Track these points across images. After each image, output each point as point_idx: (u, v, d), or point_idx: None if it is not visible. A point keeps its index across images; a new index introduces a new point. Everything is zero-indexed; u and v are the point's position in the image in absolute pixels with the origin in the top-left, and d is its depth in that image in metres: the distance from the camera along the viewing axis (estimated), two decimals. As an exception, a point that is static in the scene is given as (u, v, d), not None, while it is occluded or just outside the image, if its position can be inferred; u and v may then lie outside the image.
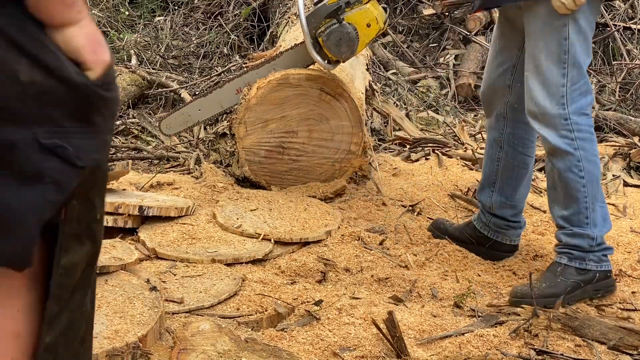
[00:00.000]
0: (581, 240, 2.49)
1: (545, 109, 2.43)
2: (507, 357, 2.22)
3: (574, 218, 2.49)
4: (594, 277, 2.51)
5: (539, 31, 2.42)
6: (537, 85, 2.44)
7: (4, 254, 1.08)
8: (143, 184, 3.33)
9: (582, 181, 2.44)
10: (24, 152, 1.03)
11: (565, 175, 2.46)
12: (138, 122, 4.44)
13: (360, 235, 2.92)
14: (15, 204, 1.05)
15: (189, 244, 2.73)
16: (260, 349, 2.07)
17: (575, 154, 2.43)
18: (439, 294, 2.60)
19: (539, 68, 2.43)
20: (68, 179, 1.11)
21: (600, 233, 2.50)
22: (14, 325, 1.17)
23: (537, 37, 2.43)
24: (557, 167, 2.47)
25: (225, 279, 2.49)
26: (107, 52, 1.10)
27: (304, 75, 3.22)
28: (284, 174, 3.32)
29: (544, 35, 2.41)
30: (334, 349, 2.19)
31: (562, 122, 2.42)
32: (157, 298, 2.19)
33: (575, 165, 2.44)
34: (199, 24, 6.23)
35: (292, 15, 4.52)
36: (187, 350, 2.00)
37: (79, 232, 1.24)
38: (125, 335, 1.99)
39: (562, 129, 2.42)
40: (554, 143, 2.43)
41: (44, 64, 1.03)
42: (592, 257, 2.50)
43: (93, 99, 1.10)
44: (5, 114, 1.02)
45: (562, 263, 2.52)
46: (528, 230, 3.09)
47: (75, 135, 1.10)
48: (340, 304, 2.42)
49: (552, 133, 2.44)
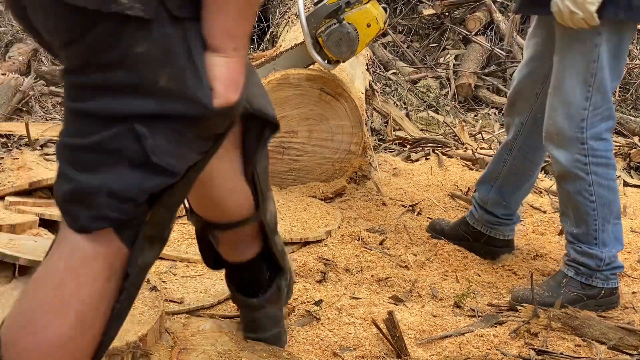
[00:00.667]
0: (589, 259, 2.44)
1: (562, 130, 2.34)
2: (507, 357, 2.22)
3: (582, 237, 2.43)
4: (598, 293, 2.46)
5: (568, 48, 2.31)
6: (558, 104, 2.34)
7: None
8: (143, 184, 3.33)
9: (592, 205, 2.38)
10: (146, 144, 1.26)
11: (575, 198, 2.39)
12: (138, 122, 4.44)
13: (360, 235, 2.92)
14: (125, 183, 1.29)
15: (189, 244, 2.73)
16: (261, 349, 2.06)
17: (586, 178, 2.36)
18: (439, 294, 2.60)
19: (561, 87, 2.33)
20: (168, 179, 1.33)
21: (609, 253, 2.44)
22: (80, 306, 1.34)
23: (564, 54, 2.32)
24: (566, 189, 2.41)
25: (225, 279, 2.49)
26: (236, 95, 1.28)
27: (304, 75, 3.21)
28: (284, 174, 3.32)
29: (573, 53, 2.30)
30: (334, 349, 2.19)
31: (578, 145, 2.34)
32: (157, 298, 2.18)
33: (586, 190, 2.37)
34: (199, 24, 6.24)
35: (292, 15, 4.52)
36: (188, 350, 2.00)
37: (154, 235, 1.40)
38: (126, 334, 1.99)
39: (576, 152, 2.34)
40: (566, 166, 2.36)
41: (183, 79, 1.24)
42: (600, 276, 2.45)
43: (204, 119, 1.28)
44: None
45: (568, 275, 2.48)
46: (528, 230, 3.09)
47: (184, 145, 1.31)
48: (340, 304, 2.42)
49: (565, 155, 2.35)
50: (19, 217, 2.71)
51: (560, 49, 2.33)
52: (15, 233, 2.57)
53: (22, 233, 2.60)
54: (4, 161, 3.55)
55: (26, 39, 5.40)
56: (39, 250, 2.27)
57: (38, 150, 3.83)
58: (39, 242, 2.41)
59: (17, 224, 2.62)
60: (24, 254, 2.18)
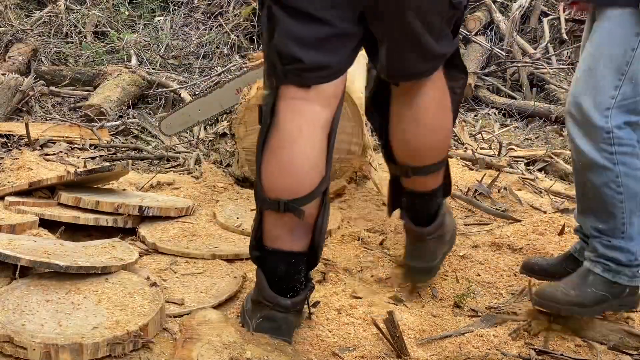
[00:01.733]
0: (620, 253, 2.30)
1: (588, 117, 2.22)
2: (507, 357, 2.22)
3: (610, 232, 2.30)
4: (623, 291, 2.34)
5: (606, 34, 2.22)
6: (586, 88, 2.23)
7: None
8: (143, 184, 3.33)
9: (619, 197, 2.26)
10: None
11: (601, 190, 2.26)
12: (138, 122, 4.44)
13: (360, 235, 2.92)
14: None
15: (189, 240, 2.73)
16: (265, 343, 2.06)
17: (614, 169, 2.23)
18: (439, 294, 2.60)
19: (593, 72, 2.22)
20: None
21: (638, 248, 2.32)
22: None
23: (602, 40, 2.23)
24: (591, 181, 2.27)
25: (226, 278, 2.49)
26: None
27: (304, 75, 3.21)
28: (284, 174, 3.31)
29: (611, 40, 2.21)
30: (334, 349, 2.19)
31: (603, 134, 2.21)
32: (157, 292, 2.19)
33: (613, 181, 2.25)
34: (199, 24, 6.24)
35: (292, 15, 4.52)
36: (193, 339, 1.99)
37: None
38: (126, 324, 2.00)
39: (602, 142, 2.22)
40: (591, 157, 2.23)
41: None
42: (627, 272, 2.33)
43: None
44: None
45: (595, 272, 2.34)
46: (528, 230, 3.09)
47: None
48: (340, 304, 2.42)
49: (589, 145, 2.23)
50: (19, 217, 2.71)
51: (596, 35, 2.24)
52: (15, 233, 2.57)
53: (22, 233, 2.60)
54: (4, 161, 3.56)
55: (26, 39, 5.41)
56: (39, 250, 2.27)
57: (38, 150, 3.84)
58: (38, 242, 2.42)
59: (17, 224, 2.62)
60: (24, 255, 2.18)
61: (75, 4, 6.30)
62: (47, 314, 2.02)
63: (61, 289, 2.15)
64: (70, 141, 4.04)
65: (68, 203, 2.83)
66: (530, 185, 3.72)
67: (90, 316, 2.03)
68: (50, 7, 6.28)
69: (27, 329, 1.95)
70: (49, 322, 1.99)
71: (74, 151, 3.96)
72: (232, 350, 1.97)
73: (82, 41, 5.88)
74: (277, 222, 2.05)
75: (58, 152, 3.85)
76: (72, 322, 2.00)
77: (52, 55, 5.52)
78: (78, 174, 2.91)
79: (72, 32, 5.98)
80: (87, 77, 5.06)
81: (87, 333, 1.95)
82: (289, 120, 2.00)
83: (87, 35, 6.00)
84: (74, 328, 1.97)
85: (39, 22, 6.07)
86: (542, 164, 4.12)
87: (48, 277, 2.20)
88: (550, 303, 2.33)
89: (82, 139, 4.07)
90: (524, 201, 3.50)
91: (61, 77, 5.09)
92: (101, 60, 5.51)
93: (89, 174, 2.94)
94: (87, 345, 1.90)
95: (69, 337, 1.92)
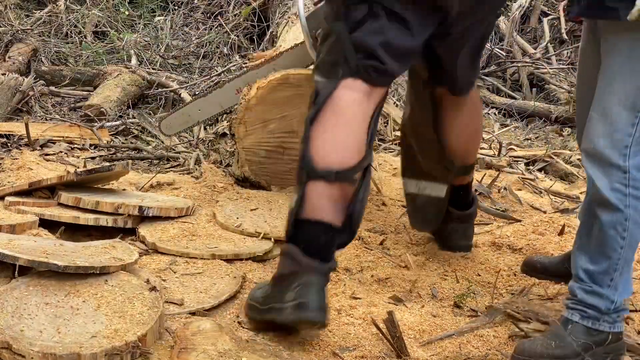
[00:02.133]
0: (599, 300, 2.21)
1: (604, 155, 2.14)
2: (507, 357, 2.22)
3: (597, 277, 2.21)
4: (606, 339, 2.24)
5: (618, 69, 2.13)
6: (601, 130, 2.15)
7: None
8: (143, 184, 3.33)
9: (621, 242, 2.18)
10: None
11: (606, 230, 2.17)
12: (138, 122, 4.44)
13: (361, 235, 2.92)
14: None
15: (189, 240, 2.73)
16: (261, 349, 2.07)
17: (624, 211, 2.15)
18: (439, 294, 2.60)
19: (606, 110, 2.14)
20: None
21: (620, 297, 2.24)
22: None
23: (612, 75, 2.14)
24: (600, 218, 2.18)
25: (225, 277, 2.49)
26: None
27: (304, 75, 3.21)
28: (284, 174, 3.32)
29: (623, 75, 2.12)
30: (334, 349, 2.19)
31: (619, 174, 2.13)
32: (156, 298, 2.18)
33: (621, 224, 2.16)
34: (199, 24, 6.24)
35: (292, 15, 4.52)
36: (188, 349, 2.00)
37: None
38: (125, 334, 2.00)
39: (617, 181, 2.14)
40: (605, 193, 2.15)
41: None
42: (607, 319, 2.23)
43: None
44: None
45: (573, 320, 2.23)
46: (528, 230, 3.09)
47: None
48: (340, 304, 2.42)
49: (604, 181, 2.15)
50: (19, 217, 2.71)
51: (607, 71, 2.16)
52: (15, 233, 2.57)
53: (22, 233, 2.60)
54: (4, 161, 3.55)
55: (26, 39, 5.41)
56: (38, 250, 2.27)
57: (38, 150, 3.83)
58: (38, 242, 2.41)
59: (17, 224, 2.62)
60: (24, 254, 2.18)
61: (75, 4, 6.30)
62: (46, 319, 2.02)
63: (60, 291, 2.14)
64: (70, 141, 4.04)
65: (68, 203, 2.83)
66: (530, 185, 3.72)
67: (89, 323, 2.03)
68: (50, 7, 6.28)
69: (25, 335, 1.94)
70: (47, 328, 1.98)
71: (74, 151, 3.95)
72: (228, 358, 1.98)
73: (82, 41, 5.88)
74: (323, 193, 2.20)
75: (58, 152, 3.85)
76: (71, 330, 1.99)
77: (52, 55, 5.52)
78: (78, 174, 2.90)
79: (72, 32, 5.98)
80: (87, 77, 5.06)
81: (86, 342, 1.94)
82: (348, 107, 2.22)
83: (87, 35, 6.00)
84: (72, 336, 1.96)
85: (39, 22, 6.07)
86: (542, 164, 4.12)
87: (47, 276, 2.19)
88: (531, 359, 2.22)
89: (82, 139, 4.07)
90: (524, 201, 3.50)
91: (61, 77, 5.09)
92: (101, 60, 5.51)
93: (89, 174, 2.94)
94: (86, 356, 1.90)
95: (67, 346, 1.92)
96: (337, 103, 2.21)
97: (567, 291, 2.33)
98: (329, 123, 2.20)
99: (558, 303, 2.55)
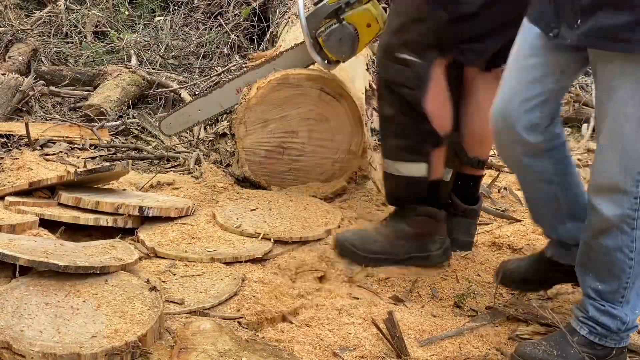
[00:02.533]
0: (611, 320, 2.17)
1: (617, 184, 2.05)
2: (507, 357, 2.22)
3: (608, 295, 2.16)
4: (609, 353, 2.20)
5: (630, 94, 1.99)
6: (615, 157, 2.04)
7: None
8: (143, 184, 3.33)
9: (630, 262, 2.13)
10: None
11: (613, 254, 2.12)
12: (138, 122, 4.44)
13: (360, 235, 2.92)
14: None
15: (188, 243, 2.73)
16: (261, 349, 2.07)
17: (631, 234, 2.09)
18: (439, 294, 2.60)
19: (621, 137, 2.02)
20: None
21: (633, 316, 2.19)
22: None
23: (624, 100, 2.00)
24: (604, 244, 2.11)
25: (225, 279, 2.49)
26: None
27: (304, 75, 3.22)
28: (284, 174, 3.32)
29: (635, 100, 1.99)
30: (334, 349, 2.19)
31: (630, 200, 2.06)
32: (156, 298, 2.19)
33: (628, 246, 2.10)
34: (199, 24, 6.23)
35: (292, 15, 4.52)
36: (188, 349, 2.00)
37: None
38: (125, 334, 2.00)
39: (628, 207, 2.07)
40: (611, 220, 2.08)
41: None
42: (615, 337, 2.19)
43: None
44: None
45: (579, 332, 2.20)
46: (528, 230, 3.09)
47: None
48: (340, 304, 2.42)
49: (613, 208, 2.07)
50: (19, 217, 2.71)
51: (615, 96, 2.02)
52: (15, 233, 2.57)
53: (22, 233, 2.60)
54: (4, 161, 3.55)
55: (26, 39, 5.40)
56: (38, 250, 2.27)
57: (38, 150, 3.83)
58: (38, 242, 2.42)
59: (17, 224, 2.62)
60: (24, 254, 2.18)
61: (75, 4, 6.30)
62: (46, 319, 2.02)
63: (61, 291, 2.14)
64: (70, 141, 4.04)
65: (68, 203, 2.83)
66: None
67: (89, 323, 2.03)
68: (50, 7, 6.28)
69: (25, 335, 1.94)
70: (47, 328, 1.98)
71: (74, 151, 3.95)
72: (228, 358, 1.98)
73: (82, 41, 5.87)
74: (440, 156, 2.74)
75: (58, 152, 3.85)
76: (71, 329, 1.99)
77: (52, 55, 5.52)
78: (78, 174, 2.90)
79: (72, 32, 5.98)
80: (87, 77, 5.06)
81: (86, 342, 1.94)
82: (446, 85, 2.67)
83: (87, 35, 6.00)
84: (72, 336, 1.97)
85: (39, 22, 6.06)
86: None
87: (48, 276, 2.19)
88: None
89: (82, 139, 4.07)
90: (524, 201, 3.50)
91: (61, 77, 5.09)
92: (101, 60, 5.51)
93: (89, 174, 2.94)
94: (86, 356, 1.90)
95: (67, 346, 1.92)
96: (440, 82, 2.63)
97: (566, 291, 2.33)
98: (439, 99, 2.65)
99: (558, 303, 2.56)
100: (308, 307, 2.42)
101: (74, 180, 2.89)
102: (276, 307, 2.38)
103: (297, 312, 2.39)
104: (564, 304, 2.55)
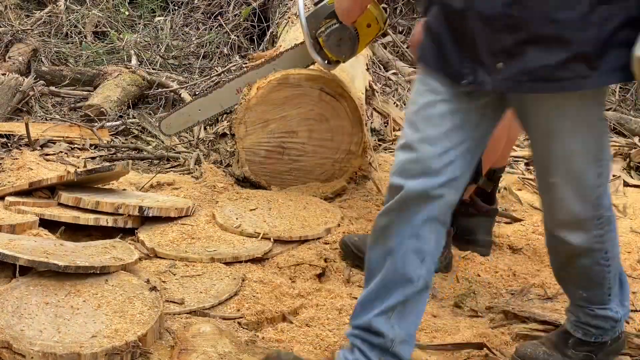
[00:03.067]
0: (604, 322, 2.17)
1: (579, 215, 2.02)
2: (507, 357, 2.22)
3: (595, 298, 2.16)
4: (606, 344, 2.21)
5: (572, 131, 1.93)
6: (571, 193, 1.99)
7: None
8: (143, 184, 3.33)
9: (608, 268, 2.12)
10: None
11: (591, 268, 2.10)
12: (138, 122, 4.44)
13: (360, 235, 2.92)
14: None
15: (188, 244, 2.73)
16: (261, 352, 2.07)
17: (603, 247, 2.08)
18: (439, 294, 2.60)
19: (573, 173, 1.98)
20: None
21: (623, 310, 2.19)
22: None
23: (569, 140, 1.94)
24: (580, 264, 2.10)
25: (225, 279, 2.49)
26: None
27: (304, 75, 3.22)
28: (284, 174, 3.32)
29: (579, 135, 1.94)
30: (334, 349, 2.19)
31: (595, 222, 2.04)
32: (157, 298, 2.19)
33: (602, 257, 2.09)
34: (199, 24, 6.24)
35: (292, 15, 4.52)
36: (188, 350, 2.00)
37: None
38: (125, 334, 2.00)
39: (595, 229, 2.05)
40: (583, 246, 2.05)
41: None
42: (610, 332, 2.20)
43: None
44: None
45: (575, 336, 2.20)
46: (528, 230, 3.09)
47: None
48: (341, 304, 2.42)
49: (580, 236, 2.04)
50: (19, 217, 2.71)
51: (557, 136, 1.94)
52: (15, 233, 2.57)
53: (22, 233, 2.60)
54: (4, 161, 3.55)
55: (26, 39, 5.40)
56: (38, 250, 2.27)
57: (38, 150, 3.83)
58: (38, 242, 2.42)
59: (17, 224, 2.62)
60: (24, 254, 2.18)
61: (75, 4, 6.30)
62: (46, 319, 2.02)
63: (61, 290, 2.14)
64: (70, 141, 4.04)
65: (68, 203, 2.83)
66: (530, 185, 3.71)
67: (89, 322, 2.03)
68: (50, 7, 6.28)
69: (26, 334, 1.94)
70: (48, 327, 1.98)
71: (74, 151, 3.95)
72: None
73: (82, 41, 5.87)
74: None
75: (58, 152, 3.85)
76: (71, 329, 1.99)
77: (52, 55, 5.52)
78: (78, 174, 2.90)
79: (72, 32, 5.98)
80: (87, 77, 5.06)
81: (86, 342, 1.94)
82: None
83: (87, 35, 6.00)
84: (72, 335, 1.97)
85: (39, 22, 6.06)
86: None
87: (48, 276, 2.19)
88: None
89: (82, 139, 4.07)
90: (524, 201, 3.50)
91: (61, 77, 5.09)
92: (101, 60, 5.51)
93: (89, 174, 2.94)
94: (86, 355, 1.90)
95: (67, 345, 1.92)
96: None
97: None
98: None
99: (558, 303, 2.56)
100: (308, 307, 2.41)
101: (74, 180, 2.89)
102: (276, 307, 2.38)
103: (297, 312, 2.39)
104: (564, 304, 2.55)
